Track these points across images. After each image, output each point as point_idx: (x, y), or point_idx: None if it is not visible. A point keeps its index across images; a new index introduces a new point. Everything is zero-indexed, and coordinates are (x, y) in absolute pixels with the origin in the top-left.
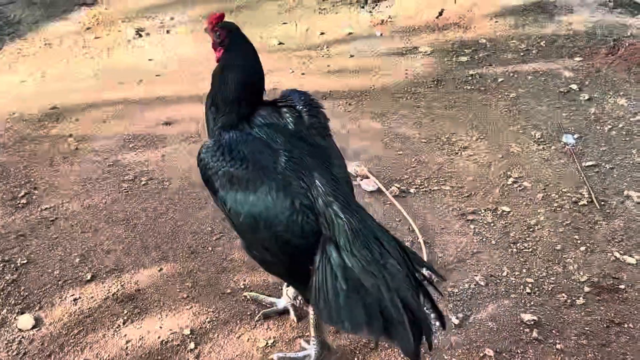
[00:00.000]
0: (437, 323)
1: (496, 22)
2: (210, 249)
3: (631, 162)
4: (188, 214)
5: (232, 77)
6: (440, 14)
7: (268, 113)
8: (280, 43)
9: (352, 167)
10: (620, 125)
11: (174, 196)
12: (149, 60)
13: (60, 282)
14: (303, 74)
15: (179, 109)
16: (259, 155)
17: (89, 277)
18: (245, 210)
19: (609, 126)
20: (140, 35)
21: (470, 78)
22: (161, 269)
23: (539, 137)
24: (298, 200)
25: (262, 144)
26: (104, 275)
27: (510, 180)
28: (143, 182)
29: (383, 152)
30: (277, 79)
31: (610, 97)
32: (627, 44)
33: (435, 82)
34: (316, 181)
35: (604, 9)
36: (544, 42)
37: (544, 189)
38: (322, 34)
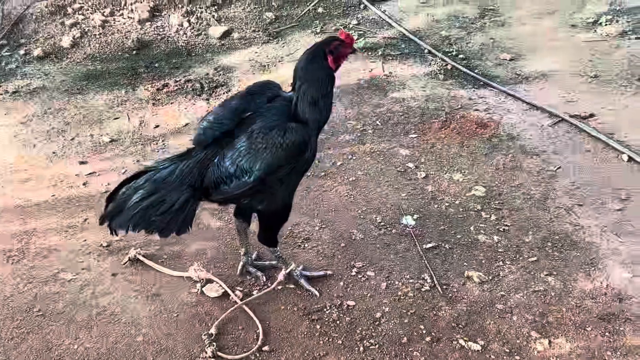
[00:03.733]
0: None
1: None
2: None
3: (469, 240)
4: None
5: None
6: None
7: None
8: (112, 140)
9: (191, 271)
10: (457, 202)
11: None
12: None
13: None
14: None
15: None
16: None
17: None
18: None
19: (446, 204)
20: None
21: None
22: None
23: (380, 221)
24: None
25: None
26: None
27: (354, 271)
28: None
29: (225, 252)
30: (107, 181)
31: (445, 173)
32: (458, 117)
33: None
34: None
35: (435, 82)
36: (379, 120)
37: (388, 277)
38: (156, 126)
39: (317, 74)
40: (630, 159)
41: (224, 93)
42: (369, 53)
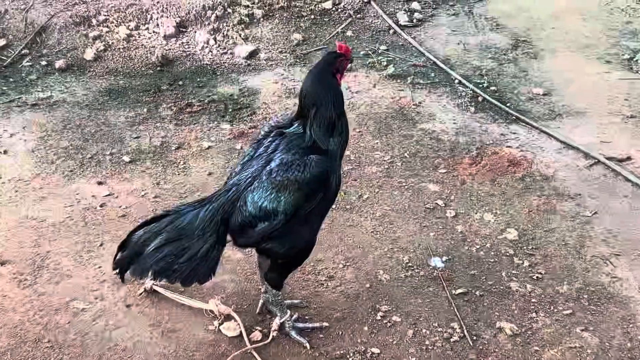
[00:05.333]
0: None
1: (359, 132)
2: None
3: (501, 287)
4: None
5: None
6: None
7: None
8: (132, 160)
9: (212, 304)
10: (488, 245)
11: None
12: None
13: None
14: (156, 196)
15: None
16: None
17: None
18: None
19: (477, 246)
20: None
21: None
22: None
23: (407, 261)
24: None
25: None
26: None
27: (379, 315)
28: None
29: (245, 287)
30: (124, 204)
31: (476, 213)
32: (490, 153)
33: None
34: None
35: (466, 114)
36: (407, 152)
37: (415, 323)
38: (178, 148)
39: (329, 94)
40: None
41: (247, 115)
42: (398, 81)
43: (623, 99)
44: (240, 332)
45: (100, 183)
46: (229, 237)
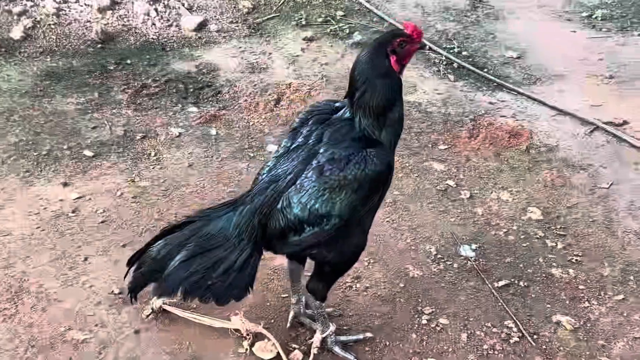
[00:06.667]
0: None
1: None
2: None
3: (543, 275)
4: None
5: None
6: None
7: None
8: (95, 155)
9: (236, 321)
10: (515, 228)
11: None
12: None
13: None
14: (135, 197)
15: None
16: None
17: None
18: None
19: (504, 230)
20: None
21: None
22: None
23: (435, 252)
24: None
25: None
26: None
27: (424, 319)
28: None
29: (267, 297)
30: (101, 206)
31: (491, 193)
32: (486, 124)
33: None
34: None
35: (447, 83)
36: None
37: (465, 325)
38: (144, 137)
39: (376, 79)
40: None
41: (212, 95)
42: None
43: (597, 59)
44: (278, 353)
45: (65, 184)
46: None
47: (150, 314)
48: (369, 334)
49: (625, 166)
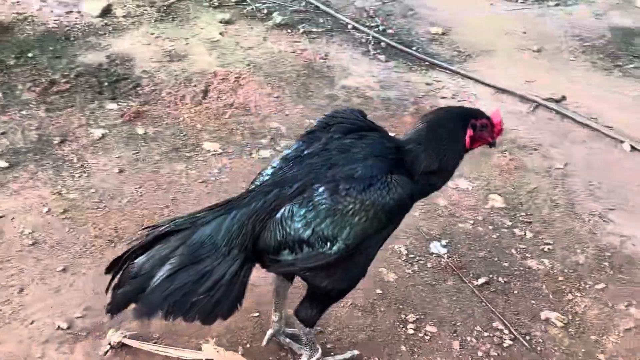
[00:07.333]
0: None
1: (277, 97)
2: None
3: (520, 268)
4: None
5: None
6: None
7: None
8: (10, 165)
9: (209, 351)
10: (480, 218)
11: None
12: None
13: None
14: (65, 211)
15: None
16: None
17: None
18: None
19: (470, 221)
20: None
21: None
22: None
23: (406, 252)
24: None
25: None
26: None
27: (410, 328)
28: None
29: (236, 317)
30: (28, 227)
31: (450, 181)
32: (428, 106)
33: None
34: None
35: (379, 65)
36: None
37: (454, 331)
38: (62, 141)
39: (440, 143)
40: (632, 148)
41: (131, 89)
42: (289, 31)
43: (521, 32)
44: None
45: None
46: None
47: (108, 351)
48: (356, 352)
49: (574, 144)
